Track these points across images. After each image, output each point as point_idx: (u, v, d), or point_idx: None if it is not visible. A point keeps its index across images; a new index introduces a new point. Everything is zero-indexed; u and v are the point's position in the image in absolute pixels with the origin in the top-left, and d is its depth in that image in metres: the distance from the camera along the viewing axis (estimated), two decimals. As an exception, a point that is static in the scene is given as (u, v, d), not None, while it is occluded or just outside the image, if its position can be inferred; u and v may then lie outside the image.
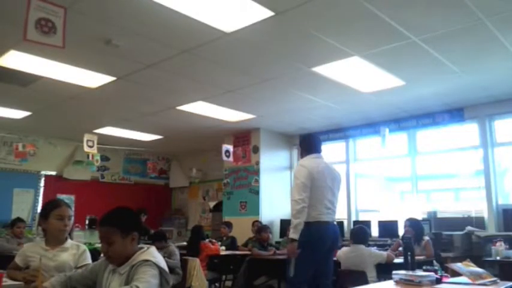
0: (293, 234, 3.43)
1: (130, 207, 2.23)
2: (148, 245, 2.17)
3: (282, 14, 3.64)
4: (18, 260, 2.79)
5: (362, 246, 4.42)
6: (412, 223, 5.08)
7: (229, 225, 7.25)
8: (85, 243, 3.32)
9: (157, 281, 1.98)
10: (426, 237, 5.04)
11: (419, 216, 6.41)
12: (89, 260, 2.79)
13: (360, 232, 4.59)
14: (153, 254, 2.07)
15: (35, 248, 2.81)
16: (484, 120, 6.20)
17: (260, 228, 6.18)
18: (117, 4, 3.52)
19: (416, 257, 3.48)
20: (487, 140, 6.16)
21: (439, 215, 6.43)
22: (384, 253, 4.42)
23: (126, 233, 2.05)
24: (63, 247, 2.78)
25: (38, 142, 7.99)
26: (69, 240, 2.83)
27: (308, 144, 3.89)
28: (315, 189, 3.57)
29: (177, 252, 5.06)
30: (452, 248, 5.57)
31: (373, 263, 4.29)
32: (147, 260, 2.00)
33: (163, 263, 2.06)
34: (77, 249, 2.81)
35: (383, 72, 4.96)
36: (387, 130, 6.39)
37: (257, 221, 7.13)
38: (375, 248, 4.74)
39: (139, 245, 2.15)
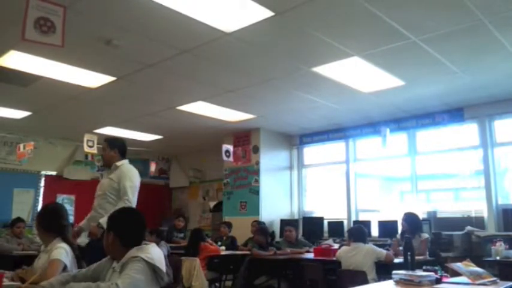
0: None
1: (136, 210, 2.38)
2: (147, 242, 2.19)
3: (282, 14, 3.64)
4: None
5: (361, 244, 4.43)
6: (407, 217, 5.07)
7: (228, 225, 7.25)
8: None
9: (144, 277, 2.00)
10: (426, 235, 5.01)
11: (419, 216, 6.40)
12: (55, 256, 2.56)
13: (359, 231, 4.61)
14: (146, 250, 2.09)
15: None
16: (484, 120, 6.20)
17: (258, 230, 6.16)
18: (117, 4, 3.53)
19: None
20: (487, 140, 6.16)
21: (439, 215, 6.44)
22: (384, 250, 4.43)
23: (107, 230, 2.23)
24: (46, 249, 2.72)
25: (38, 142, 7.99)
26: (55, 241, 2.70)
27: (124, 148, 4.05)
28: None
29: (163, 251, 5.03)
30: (452, 247, 5.57)
31: (373, 259, 4.30)
32: (135, 257, 2.03)
33: (157, 259, 2.06)
34: (52, 250, 2.64)
35: (383, 72, 4.96)
36: (388, 130, 6.39)
37: (256, 220, 7.12)
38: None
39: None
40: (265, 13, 3.63)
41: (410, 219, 5.06)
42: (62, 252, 2.59)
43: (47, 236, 2.74)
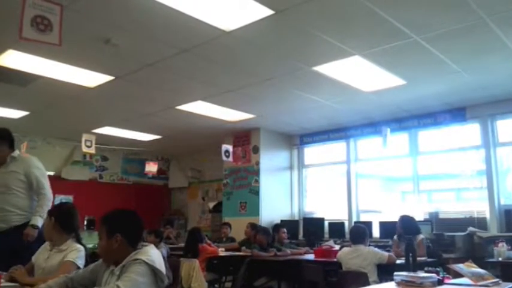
0: (40, 222, 3.35)
1: (131, 209, 2.28)
2: (146, 243, 2.16)
3: (282, 12, 3.61)
4: (33, 257, 2.78)
5: (362, 246, 4.38)
6: (401, 221, 5.05)
7: (230, 226, 7.23)
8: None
9: (146, 279, 1.98)
10: (421, 236, 4.99)
11: (421, 216, 6.39)
12: (71, 258, 2.58)
13: (358, 231, 4.55)
14: (147, 252, 2.06)
15: (45, 247, 2.79)
16: (486, 120, 6.17)
17: (261, 230, 6.13)
18: (116, 3, 3.50)
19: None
20: (489, 140, 6.13)
21: (440, 216, 6.41)
22: (385, 253, 4.38)
23: (111, 233, 2.10)
24: (59, 248, 2.69)
25: (36, 142, 7.95)
26: (69, 241, 2.70)
27: (12, 138, 3.67)
28: None
29: (163, 252, 4.99)
30: (454, 248, 5.53)
31: (375, 262, 4.25)
32: (136, 259, 2.00)
33: (158, 262, 2.05)
34: (69, 251, 2.65)
35: (384, 72, 4.93)
36: (388, 130, 6.35)
37: (250, 223, 7.01)
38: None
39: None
40: (265, 12, 3.60)
41: (405, 222, 5.04)
42: (80, 255, 2.62)
43: (61, 236, 2.72)
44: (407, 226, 4.98)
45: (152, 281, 2.00)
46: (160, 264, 2.04)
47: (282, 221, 7.59)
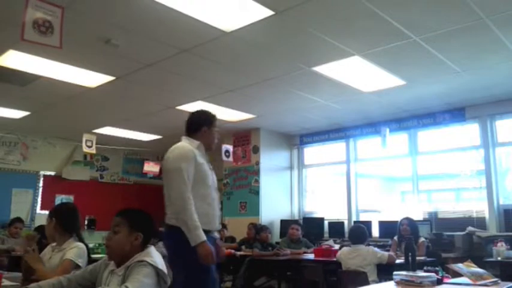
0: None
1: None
2: (147, 245, 2.16)
3: (282, 13, 3.62)
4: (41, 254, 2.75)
5: (362, 246, 4.39)
6: (410, 222, 5.14)
7: (224, 226, 7.25)
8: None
9: (151, 281, 1.98)
10: (422, 238, 5.08)
11: (420, 216, 6.41)
12: (68, 256, 2.55)
13: (358, 231, 4.56)
14: (150, 254, 2.06)
15: (49, 247, 2.77)
16: (485, 120, 6.17)
17: (260, 229, 6.15)
18: (117, 3, 3.50)
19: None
20: (488, 140, 6.13)
21: (440, 216, 6.42)
22: (385, 253, 4.39)
23: (133, 230, 2.09)
24: (60, 248, 2.67)
25: (36, 142, 7.96)
26: (70, 240, 2.68)
27: None
28: None
29: (163, 251, 5.00)
30: (453, 248, 5.54)
31: (374, 262, 4.26)
32: (141, 261, 2.00)
33: (160, 263, 2.05)
34: (68, 249, 2.60)
35: (384, 72, 4.94)
36: (388, 130, 6.36)
37: (252, 223, 7.05)
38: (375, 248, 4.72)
39: None
40: (265, 12, 3.60)
41: (413, 224, 5.15)
42: (77, 252, 2.59)
43: (63, 235, 2.70)
44: (415, 228, 5.08)
45: (156, 282, 2.01)
46: (162, 265, 2.06)
47: (281, 220, 7.61)
